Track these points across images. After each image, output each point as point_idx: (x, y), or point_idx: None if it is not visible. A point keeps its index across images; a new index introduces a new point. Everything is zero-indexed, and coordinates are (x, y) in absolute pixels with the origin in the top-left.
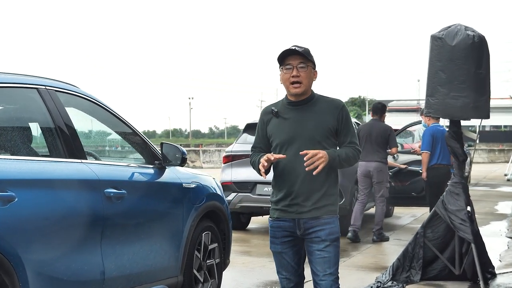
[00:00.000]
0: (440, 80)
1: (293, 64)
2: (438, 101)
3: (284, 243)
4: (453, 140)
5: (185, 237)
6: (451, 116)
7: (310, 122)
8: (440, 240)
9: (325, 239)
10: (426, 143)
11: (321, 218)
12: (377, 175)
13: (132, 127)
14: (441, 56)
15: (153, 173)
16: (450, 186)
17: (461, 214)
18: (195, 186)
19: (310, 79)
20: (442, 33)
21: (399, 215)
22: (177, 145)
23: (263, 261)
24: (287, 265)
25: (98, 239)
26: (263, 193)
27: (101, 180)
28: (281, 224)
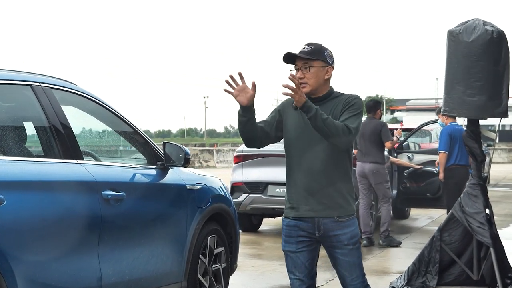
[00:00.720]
0: (456, 77)
1: (298, 66)
2: (454, 99)
3: (300, 242)
4: (471, 139)
5: (189, 241)
6: (468, 114)
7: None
8: (458, 244)
9: (347, 244)
10: (443, 143)
11: (340, 222)
12: (373, 177)
13: (134, 126)
14: (457, 52)
15: (155, 174)
16: (468, 187)
17: (479, 217)
18: (200, 188)
19: (317, 78)
20: (459, 29)
21: (415, 216)
22: (180, 144)
23: (273, 265)
24: (300, 266)
25: (95, 244)
26: (275, 194)
27: (98, 182)
28: (298, 224)
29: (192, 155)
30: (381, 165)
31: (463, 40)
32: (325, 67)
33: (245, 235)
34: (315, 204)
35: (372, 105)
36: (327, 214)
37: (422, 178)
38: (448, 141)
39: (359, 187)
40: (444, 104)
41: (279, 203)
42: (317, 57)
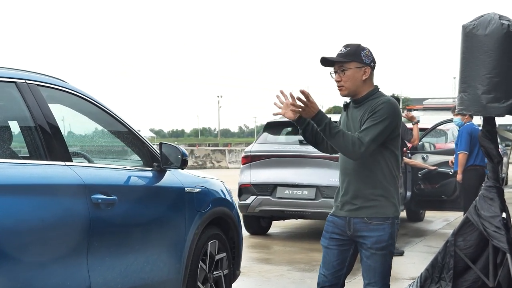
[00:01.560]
0: (471, 74)
1: (335, 69)
2: (470, 97)
3: (332, 239)
4: (486, 139)
5: (187, 247)
6: (484, 112)
7: (354, 122)
8: (473, 249)
9: (370, 247)
10: (464, 143)
11: (370, 224)
12: None
13: (128, 126)
14: (472, 47)
15: (151, 176)
16: (484, 190)
17: (495, 221)
18: (200, 191)
19: (354, 79)
20: (473, 23)
21: (430, 219)
22: (176, 145)
23: (281, 270)
24: (329, 263)
25: (83, 251)
26: (284, 196)
27: (88, 185)
28: (335, 220)
29: (204, 155)
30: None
31: (478, 35)
32: (362, 68)
33: (253, 238)
34: (348, 203)
35: None
36: (356, 214)
37: (437, 179)
38: (468, 141)
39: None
40: (459, 102)
41: (288, 205)
42: (352, 58)
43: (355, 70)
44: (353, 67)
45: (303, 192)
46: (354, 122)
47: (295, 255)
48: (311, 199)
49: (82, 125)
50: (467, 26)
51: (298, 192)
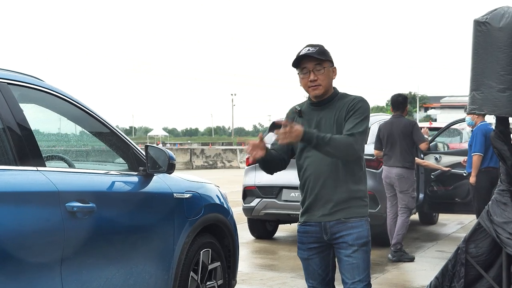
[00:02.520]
0: (484, 71)
1: (309, 68)
2: (483, 96)
3: (311, 249)
4: (499, 141)
5: (176, 257)
6: (498, 112)
7: (328, 122)
8: (485, 257)
9: (352, 244)
10: (479, 144)
11: (347, 222)
12: (399, 183)
13: (111, 127)
14: (485, 43)
15: (136, 181)
16: (496, 194)
17: (509, 227)
18: (190, 196)
19: (329, 78)
20: (486, 17)
21: (444, 222)
22: (163, 148)
23: (284, 277)
24: (313, 273)
25: (56, 264)
26: (290, 199)
27: (62, 192)
28: (307, 229)
29: (215, 155)
30: (409, 170)
31: (491, 29)
32: (332, 67)
33: (258, 242)
34: (322, 208)
35: (401, 101)
36: (332, 218)
37: (451, 181)
38: (483, 142)
39: (386, 194)
40: (471, 101)
41: (294, 209)
42: (326, 57)
43: (328, 69)
44: (327, 66)
45: None
46: (323, 124)
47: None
48: None
49: (62, 127)
50: (479, 20)
51: None
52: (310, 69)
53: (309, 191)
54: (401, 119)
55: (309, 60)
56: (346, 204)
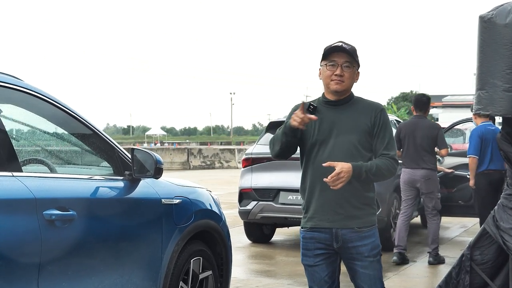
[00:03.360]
0: (490, 69)
1: (338, 62)
2: (489, 95)
3: (317, 255)
4: (505, 142)
5: (164, 266)
6: (503, 112)
7: (347, 123)
8: (491, 264)
9: (368, 256)
10: (473, 146)
11: (360, 232)
12: (426, 185)
13: (95, 129)
14: (491, 40)
15: (121, 186)
16: (503, 199)
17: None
18: (180, 202)
19: (352, 79)
20: (491, 13)
21: (446, 225)
22: (150, 151)
23: (281, 284)
24: (320, 280)
25: (33, 276)
26: (287, 202)
27: (39, 199)
28: (315, 235)
29: (212, 155)
30: (434, 172)
31: (497, 26)
32: (357, 71)
33: (255, 247)
34: (332, 214)
35: (425, 102)
36: (344, 224)
37: (454, 183)
38: (478, 144)
39: (403, 196)
40: (477, 101)
41: (292, 212)
42: (357, 58)
43: (354, 71)
44: (355, 67)
45: None
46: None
47: (298, 267)
48: None
49: (42, 129)
50: (485, 17)
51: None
52: (339, 63)
53: (318, 194)
54: (425, 120)
55: (341, 54)
56: (359, 212)
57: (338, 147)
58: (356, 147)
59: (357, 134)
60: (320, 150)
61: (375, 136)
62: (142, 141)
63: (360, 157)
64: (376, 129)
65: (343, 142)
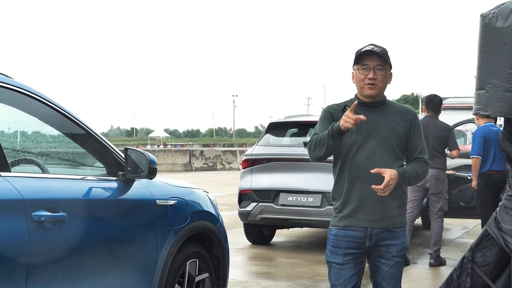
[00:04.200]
0: (491, 69)
1: (371, 66)
2: (489, 95)
3: (348, 255)
4: (507, 143)
5: (159, 268)
6: (504, 112)
7: (383, 124)
8: (492, 266)
9: (396, 256)
10: (476, 147)
11: (393, 231)
12: (435, 185)
13: (88, 128)
14: (492, 39)
15: (114, 187)
16: (505, 200)
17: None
18: (175, 203)
19: (385, 82)
20: (493, 12)
21: (448, 226)
22: (144, 151)
23: (281, 286)
24: (345, 279)
25: (21, 280)
26: (287, 203)
27: (28, 200)
28: (349, 234)
29: (214, 156)
30: (444, 172)
31: (498, 25)
32: (390, 72)
33: (255, 248)
34: (370, 214)
35: (437, 102)
36: (381, 225)
37: (455, 184)
38: (482, 145)
39: (410, 196)
40: (477, 101)
41: (292, 213)
42: (389, 60)
43: (387, 73)
44: (388, 69)
45: (308, 199)
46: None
47: (298, 268)
48: (317, 206)
49: (34, 129)
50: (486, 16)
51: (302, 199)
52: (371, 66)
53: (355, 193)
54: (437, 121)
55: (372, 57)
56: (394, 212)
57: (377, 149)
58: (394, 150)
59: (395, 137)
60: (358, 151)
61: (412, 141)
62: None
63: (397, 160)
64: (412, 133)
65: (381, 144)
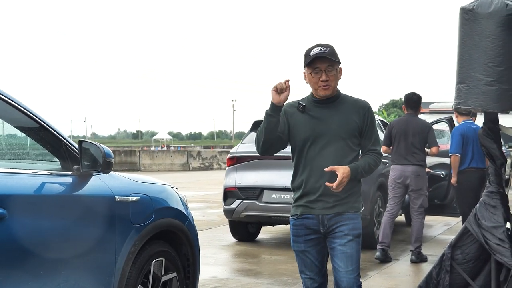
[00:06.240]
0: (471, 62)
1: (322, 68)
2: (469, 89)
3: (308, 241)
4: (488, 139)
5: (119, 269)
6: (485, 107)
7: (336, 120)
8: (472, 264)
9: (347, 234)
10: (455, 144)
11: (344, 214)
12: (415, 181)
13: (39, 119)
14: (472, 32)
15: (68, 182)
16: (485, 196)
17: (498, 232)
18: (138, 200)
19: (337, 79)
20: (473, 4)
21: (430, 223)
22: (99, 144)
23: (260, 284)
24: (310, 264)
25: None
26: (271, 201)
27: None
28: (304, 222)
29: (211, 157)
30: (424, 169)
31: (479, 17)
32: (340, 68)
33: (240, 245)
34: (323, 202)
35: (415, 100)
36: (333, 211)
37: (430, 182)
38: (460, 142)
39: (391, 194)
40: (457, 95)
41: (276, 211)
42: (337, 59)
43: (337, 70)
44: (337, 67)
45: (291, 196)
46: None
47: (280, 265)
48: None
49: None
50: (466, 8)
51: (286, 196)
52: (322, 69)
53: (309, 185)
54: (416, 119)
55: (322, 60)
56: (346, 200)
57: (330, 144)
58: (347, 144)
59: (348, 132)
60: (312, 146)
61: (365, 134)
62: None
63: (351, 153)
64: (366, 126)
65: (334, 137)
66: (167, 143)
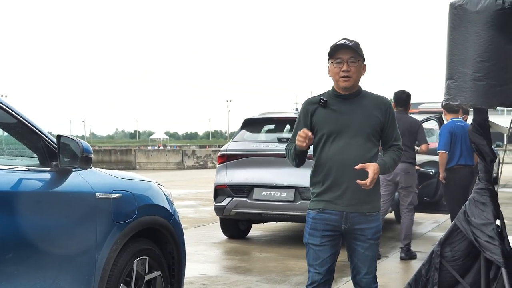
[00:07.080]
0: (460, 58)
1: (344, 59)
2: (457, 84)
3: (324, 237)
4: (477, 135)
5: (100, 268)
6: (473, 102)
7: (359, 115)
8: (461, 261)
9: (370, 238)
10: (443, 142)
11: (368, 215)
12: (405, 179)
13: (17, 114)
14: (461, 27)
15: (46, 179)
16: (474, 193)
17: (488, 229)
18: (120, 196)
19: (359, 73)
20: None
21: (419, 220)
22: (77, 139)
23: (249, 281)
24: (322, 260)
25: None
26: (261, 198)
27: None
28: (326, 217)
29: (205, 155)
30: (413, 166)
31: (468, 12)
32: (363, 64)
33: (230, 243)
34: (347, 199)
35: (405, 98)
36: (357, 209)
37: (419, 180)
38: (448, 139)
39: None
40: (446, 91)
41: (266, 208)
42: (361, 53)
43: (360, 64)
44: (360, 61)
45: (281, 194)
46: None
47: (270, 263)
48: (290, 201)
49: None
50: (455, 3)
51: (276, 194)
52: (344, 59)
53: (333, 181)
54: (406, 116)
55: (345, 51)
56: (369, 198)
57: (353, 138)
58: (370, 139)
59: (370, 127)
60: (335, 141)
61: (387, 129)
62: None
63: (373, 148)
64: (387, 122)
65: (357, 132)
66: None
